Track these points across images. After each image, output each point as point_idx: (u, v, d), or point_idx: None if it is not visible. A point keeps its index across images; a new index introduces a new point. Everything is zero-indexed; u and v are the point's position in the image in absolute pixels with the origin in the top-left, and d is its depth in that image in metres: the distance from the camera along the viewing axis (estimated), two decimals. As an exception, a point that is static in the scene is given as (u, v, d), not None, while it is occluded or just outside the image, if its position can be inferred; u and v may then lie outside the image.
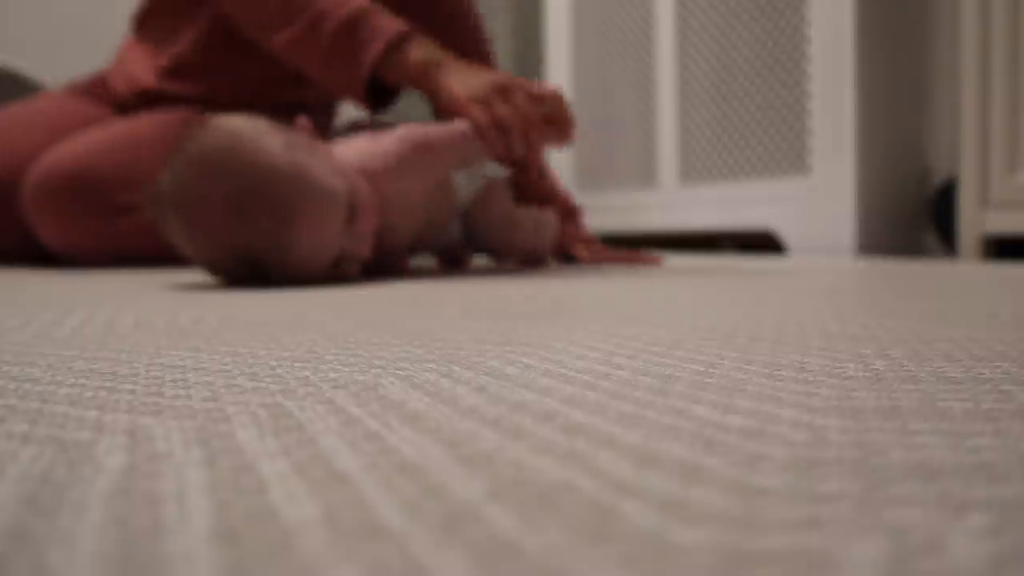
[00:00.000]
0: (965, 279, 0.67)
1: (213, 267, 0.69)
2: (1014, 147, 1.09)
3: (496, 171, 0.90)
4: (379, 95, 0.92)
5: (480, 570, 0.10)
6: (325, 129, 1.14)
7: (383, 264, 0.85)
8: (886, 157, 1.41)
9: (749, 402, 0.20)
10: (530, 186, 0.95)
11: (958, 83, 1.42)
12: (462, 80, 0.81)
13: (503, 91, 0.80)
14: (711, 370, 0.25)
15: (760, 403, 0.20)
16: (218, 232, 0.65)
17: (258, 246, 0.65)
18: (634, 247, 1.90)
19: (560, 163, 1.98)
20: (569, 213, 1.03)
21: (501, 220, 0.84)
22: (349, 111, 1.72)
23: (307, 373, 0.25)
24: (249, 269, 0.67)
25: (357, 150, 0.78)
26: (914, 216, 1.47)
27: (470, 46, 1.10)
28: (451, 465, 0.15)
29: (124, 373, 0.25)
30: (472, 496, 0.13)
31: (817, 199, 1.43)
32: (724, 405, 0.20)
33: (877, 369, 0.24)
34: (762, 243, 1.64)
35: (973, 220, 1.14)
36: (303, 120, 0.72)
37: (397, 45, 0.84)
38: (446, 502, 0.13)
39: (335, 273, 0.71)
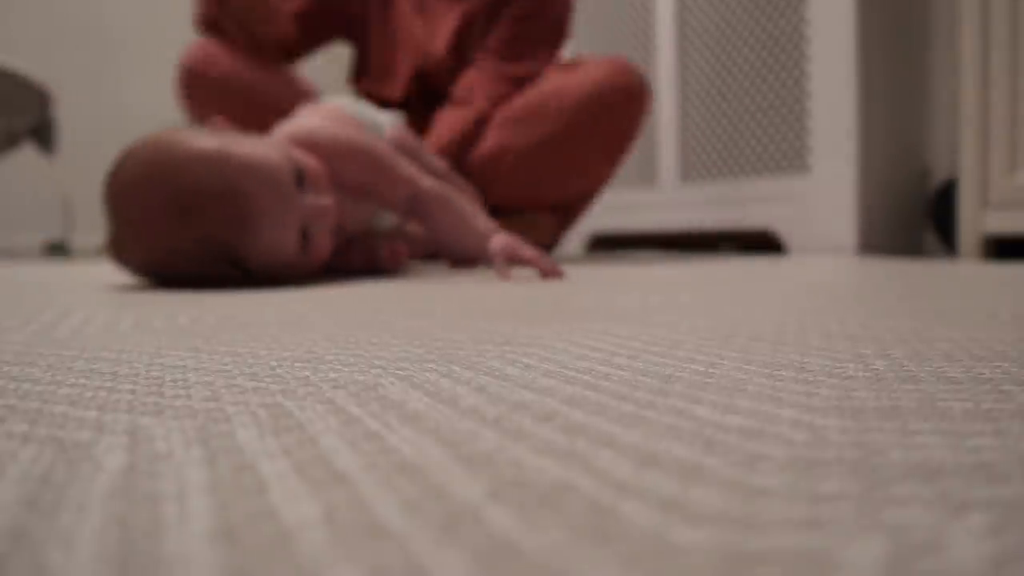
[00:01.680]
0: (965, 279, 0.67)
1: (175, 272, 0.68)
2: (1014, 147, 1.09)
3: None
4: None
5: (480, 570, 0.10)
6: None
7: (370, 254, 0.86)
8: (886, 157, 1.41)
9: (749, 402, 0.20)
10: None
11: (958, 83, 1.42)
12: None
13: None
14: (711, 370, 0.25)
15: (760, 403, 0.20)
16: (181, 236, 0.65)
17: (225, 236, 0.65)
18: (634, 247, 1.90)
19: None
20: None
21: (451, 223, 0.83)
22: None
23: (307, 373, 0.25)
24: (231, 265, 0.67)
25: (296, 125, 0.80)
26: (914, 216, 1.47)
27: None
28: (451, 465, 0.15)
29: (124, 373, 0.25)
30: (472, 496, 0.13)
31: (817, 199, 1.43)
32: (724, 405, 0.20)
33: (877, 369, 0.24)
34: (762, 243, 1.64)
35: (973, 220, 1.14)
36: (218, 118, 0.74)
37: None
38: (446, 502, 0.13)
39: (309, 255, 0.72)
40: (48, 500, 0.13)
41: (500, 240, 0.78)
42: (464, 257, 0.84)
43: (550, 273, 0.74)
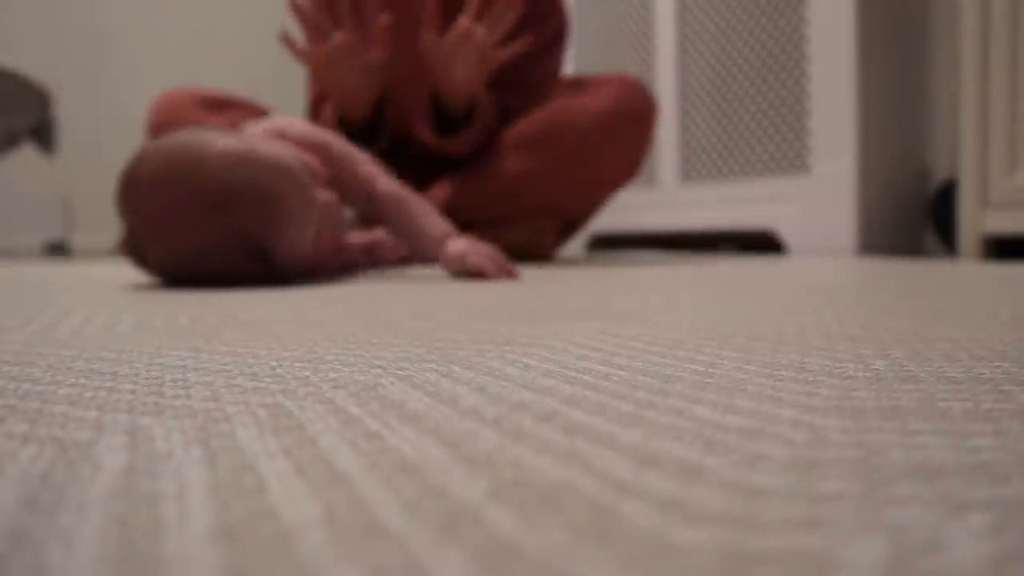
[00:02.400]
0: (965, 279, 0.67)
1: (195, 269, 0.69)
2: (1014, 147, 1.09)
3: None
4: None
5: (480, 570, 0.10)
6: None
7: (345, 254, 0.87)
8: (886, 157, 1.41)
9: (749, 402, 0.20)
10: None
11: (958, 83, 1.42)
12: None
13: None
14: (711, 370, 0.25)
15: (760, 403, 0.20)
16: (209, 231, 0.66)
17: (256, 231, 0.66)
18: (634, 247, 1.91)
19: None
20: None
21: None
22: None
23: (307, 373, 0.25)
24: (258, 260, 0.68)
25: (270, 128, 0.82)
26: (914, 216, 1.47)
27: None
28: (451, 465, 0.15)
29: (124, 373, 0.25)
30: (472, 496, 0.13)
31: (817, 199, 1.43)
32: (724, 405, 0.20)
33: (877, 369, 0.24)
34: (762, 243, 1.64)
35: (973, 220, 1.14)
36: (209, 123, 0.76)
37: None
38: (446, 502, 0.13)
39: (318, 251, 0.73)
40: (48, 500, 0.13)
41: (454, 246, 0.77)
42: (423, 258, 0.85)
43: (504, 276, 0.75)
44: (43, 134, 2.04)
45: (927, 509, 0.12)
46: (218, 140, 0.67)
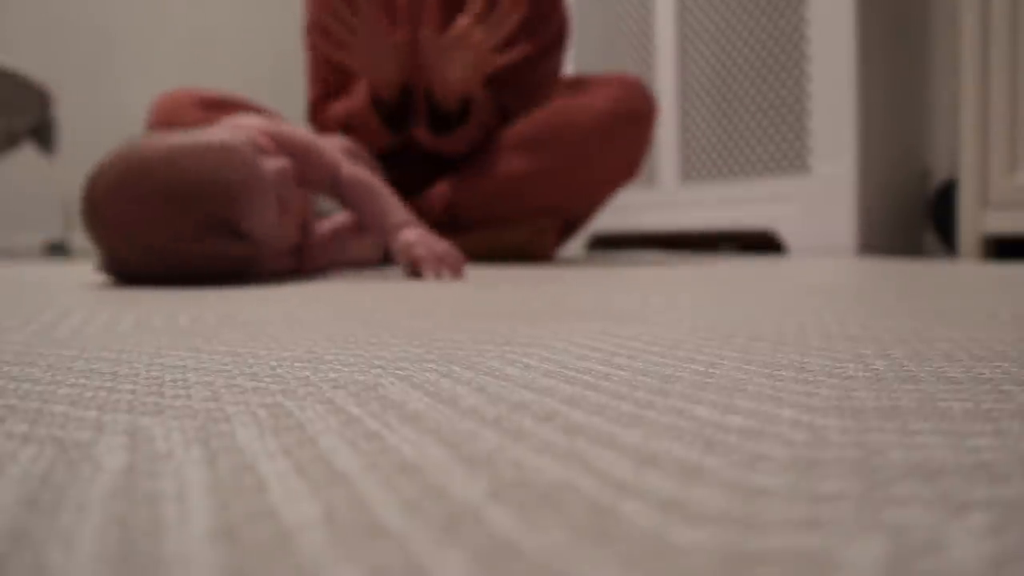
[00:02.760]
0: (965, 279, 0.67)
1: (174, 264, 0.70)
2: (1014, 147, 1.09)
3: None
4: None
5: (480, 570, 0.10)
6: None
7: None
8: (886, 157, 1.41)
9: (749, 402, 0.20)
10: None
11: (958, 83, 1.42)
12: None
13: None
14: (711, 370, 0.25)
15: (760, 403, 0.20)
16: (180, 222, 0.68)
17: (216, 209, 0.69)
18: (634, 247, 1.90)
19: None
20: None
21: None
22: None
23: (307, 373, 0.25)
24: (233, 237, 0.70)
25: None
26: (914, 216, 1.47)
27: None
28: (451, 465, 0.15)
29: (124, 373, 0.25)
30: (472, 496, 0.13)
31: (817, 199, 1.43)
32: (724, 405, 0.20)
33: (877, 369, 0.24)
34: (762, 243, 1.64)
35: (973, 220, 1.14)
36: (162, 129, 0.80)
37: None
38: (446, 502, 0.13)
39: (286, 217, 0.76)
40: (48, 500, 0.13)
41: (406, 235, 0.78)
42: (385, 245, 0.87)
43: (446, 274, 0.76)
44: (43, 134, 2.04)
45: (927, 509, 0.12)
46: (164, 140, 0.71)
